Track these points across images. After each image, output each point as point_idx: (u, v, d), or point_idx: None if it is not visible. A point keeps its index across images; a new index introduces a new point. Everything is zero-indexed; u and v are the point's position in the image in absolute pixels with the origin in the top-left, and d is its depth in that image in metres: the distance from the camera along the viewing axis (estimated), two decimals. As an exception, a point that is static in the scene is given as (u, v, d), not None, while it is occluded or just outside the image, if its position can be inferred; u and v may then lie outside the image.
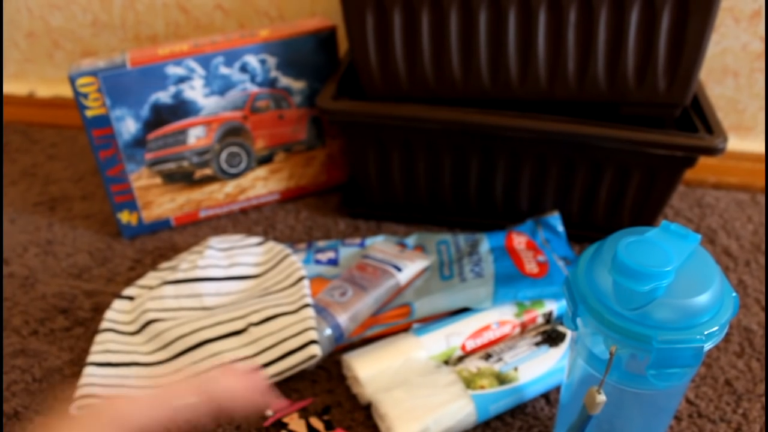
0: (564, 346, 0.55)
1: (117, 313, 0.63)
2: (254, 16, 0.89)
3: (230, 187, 0.77)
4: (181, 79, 0.69)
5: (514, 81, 0.65)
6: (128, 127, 0.69)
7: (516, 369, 0.53)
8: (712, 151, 0.60)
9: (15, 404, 0.56)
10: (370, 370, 0.54)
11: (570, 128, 0.62)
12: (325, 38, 0.72)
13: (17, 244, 0.75)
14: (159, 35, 0.94)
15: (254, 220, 0.78)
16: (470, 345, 0.56)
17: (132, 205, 0.74)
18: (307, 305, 0.58)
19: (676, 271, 0.37)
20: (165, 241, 0.75)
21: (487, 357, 0.54)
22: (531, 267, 0.61)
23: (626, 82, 0.63)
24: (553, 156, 0.66)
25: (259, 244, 0.68)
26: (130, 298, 0.64)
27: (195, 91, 0.70)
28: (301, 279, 0.61)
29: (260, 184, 0.78)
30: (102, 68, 0.66)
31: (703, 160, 0.82)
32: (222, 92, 0.71)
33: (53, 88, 1.04)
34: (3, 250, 0.74)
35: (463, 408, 0.50)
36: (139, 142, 0.71)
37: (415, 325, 0.58)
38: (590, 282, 0.39)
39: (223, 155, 0.75)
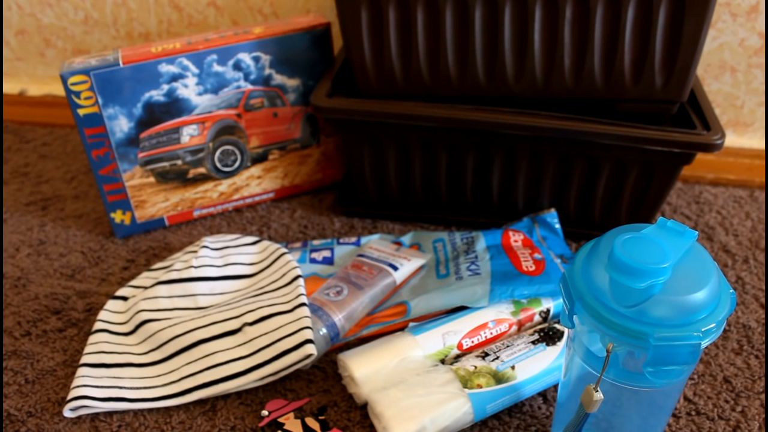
0: (561, 344, 0.54)
1: (110, 313, 0.62)
2: (248, 13, 0.89)
3: (224, 185, 0.77)
4: (175, 77, 0.68)
5: (509, 78, 0.64)
6: (121, 125, 0.69)
7: (513, 367, 0.52)
8: (709, 147, 0.60)
9: (7, 406, 0.55)
10: (366, 370, 0.54)
11: (566, 125, 0.61)
12: (319, 35, 0.72)
13: (9, 245, 0.74)
14: (152, 33, 0.93)
15: (249, 219, 0.78)
16: (467, 343, 0.56)
17: (125, 205, 0.73)
18: (302, 304, 0.58)
19: (673, 268, 0.36)
20: (159, 241, 0.74)
21: (484, 355, 0.53)
22: (528, 265, 0.61)
23: (623, 78, 0.62)
24: (550, 153, 0.65)
25: (254, 243, 0.68)
26: (124, 299, 0.64)
27: (188, 89, 0.69)
28: (296, 278, 0.61)
29: (255, 183, 0.78)
30: (94, 66, 0.65)
31: (701, 157, 0.81)
32: (216, 90, 0.71)
33: (45, 86, 1.03)
34: (1, 250, 0.73)
35: (460, 407, 0.50)
36: (132, 141, 0.70)
37: (411, 324, 0.58)
38: (587, 279, 0.38)
39: (217, 154, 0.74)
